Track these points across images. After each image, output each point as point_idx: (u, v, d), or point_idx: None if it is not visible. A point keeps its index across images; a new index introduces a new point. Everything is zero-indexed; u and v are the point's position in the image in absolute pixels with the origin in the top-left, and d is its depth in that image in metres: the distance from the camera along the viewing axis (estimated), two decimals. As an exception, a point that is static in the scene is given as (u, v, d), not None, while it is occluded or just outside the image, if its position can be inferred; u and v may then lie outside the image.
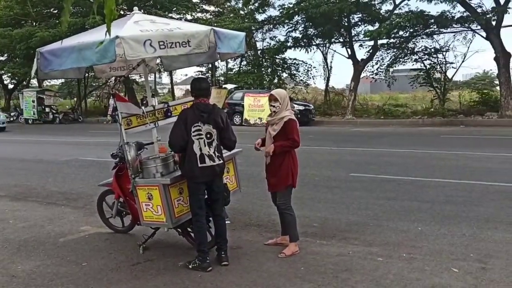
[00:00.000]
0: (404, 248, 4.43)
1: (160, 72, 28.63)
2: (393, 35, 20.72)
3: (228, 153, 4.58)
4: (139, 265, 4.24)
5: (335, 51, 25.82)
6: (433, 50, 22.09)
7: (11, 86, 35.53)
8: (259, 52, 26.99)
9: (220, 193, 4.20)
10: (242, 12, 27.16)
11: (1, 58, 30.65)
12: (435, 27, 20.73)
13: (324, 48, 25.50)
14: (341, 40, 24.30)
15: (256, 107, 19.83)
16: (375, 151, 11.15)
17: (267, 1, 24.81)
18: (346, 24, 22.91)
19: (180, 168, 4.24)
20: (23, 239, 5.11)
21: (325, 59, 25.92)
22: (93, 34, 4.22)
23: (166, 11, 25.62)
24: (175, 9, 27.34)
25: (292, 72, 27.01)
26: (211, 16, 29.16)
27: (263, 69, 26.26)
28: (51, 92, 28.48)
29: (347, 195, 6.66)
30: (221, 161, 4.09)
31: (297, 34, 24.33)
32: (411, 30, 20.90)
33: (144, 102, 4.84)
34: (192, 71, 62.36)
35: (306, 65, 26.84)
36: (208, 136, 4.00)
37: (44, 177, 8.88)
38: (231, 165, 4.93)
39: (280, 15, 23.65)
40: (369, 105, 24.63)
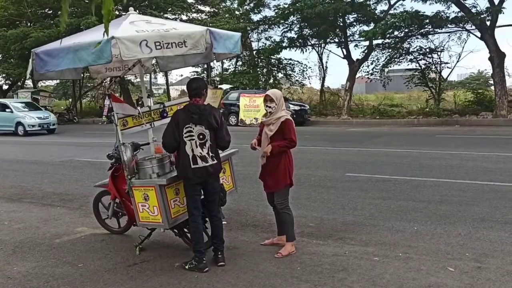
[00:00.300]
0: (400, 248, 4.45)
1: (155, 73, 28.56)
2: (388, 35, 20.77)
3: (224, 153, 4.58)
4: (136, 266, 4.23)
5: (330, 51, 25.92)
6: (428, 50, 22.18)
7: (5, 87, 35.33)
8: (254, 52, 27.01)
9: (216, 194, 4.19)
10: (237, 13, 27.15)
11: (-5, 59, 30.46)
12: (430, 27, 20.82)
13: (320, 48, 25.56)
14: (336, 40, 24.36)
15: (251, 107, 19.84)
16: (371, 151, 11.18)
17: (262, 1, 24.82)
18: (341, 24, 22.96)
19: (176, 168, 4.24)
20: (18, 240, 5.09)
21: (320, 59, 25.99)
22: (89, 34, 4.22)
23: (161, 11, 25.56)
24: (170, 9, 27.27)
25: (287, 72, 27.05)
26: (206, 17, 29.14)
27: (258, 69, 26.28)
28: (46, 93, 28.35)
29: (343, 195, 6.68)
30: (215, 161, 4.06)
31: (293, 34, 24.37)
32: (406, 30, 20.97)
33: (140, 103, 4.84)
34: (188, 71, 62.40)
35: (301, 65, 26.94)
36: (200, 137, 3.99)
37: (40, 178, 8.85)
38: (227, 165, 4.93)
39: (275, 15, 23.67)
40: (364, 105, 24.72)
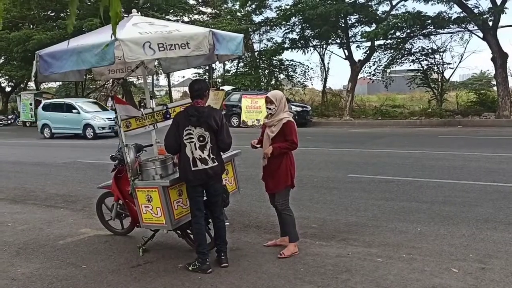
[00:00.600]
0: (403, 249, 4.44)
1: (157, 74, 28.61)
2: (390, 36, 20.76)
3: (227, 154, 4.58)
4: (139, 267, 4.23)
5: (332, 52, 25.96)
6: (430, 50, 22.18)
7: (8, 89, 35.48)
8: (256, 53, 27.02)
9: (218, 196, 4.17)
10: (239, 14, 27.19)
11: (-2, 61, 30.61)
12: (432, 27, 20.80)
13: (321, 49, 25.59)
14: (338, 41, 24.36)
15: (253, 109, 19.86)
16: (373, 152, 11.17)
17: (264, 2, 24.85)
18: (343, 25, 22.97)
19: (178, 170, 4.25)
20: (22, 242, 5.10)
21: (322, 60, 26.01)
22: (92, 36, 4.23)
23: (163, 13, 25.62)
24: (172, 11, 27.34)
25: (289, 74, 27.07)
26: (208, 18, 29.20)
27: (260, 70, 26.29)
28: (49, 95, 28.41)
29: (345, 196, 6.67)
30: (215, 163, 4.04)
31: (294, 36, 24.40)
32: (408, 31, 20.97)
33: (142, 104, 4.85)
34: (190, 73, 62.46)
35: (303, 67, 26.97)
36: (200, 139, 3.98)
37: (43, 180, 8.87)
38: (230, 166, 4.93)
39: (277, 16, 23.68)
40: (366, 106, 24.71)
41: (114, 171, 4.88)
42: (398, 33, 21.14)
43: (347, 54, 23.17)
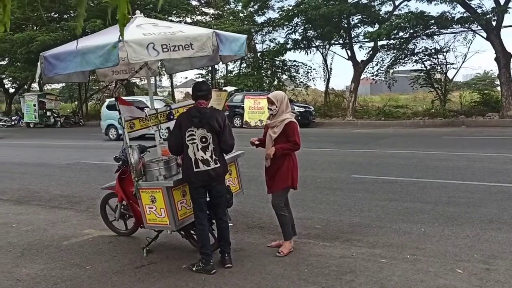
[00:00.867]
0: (407, 250, 4.43)
1: (160, 75, 28.68)
2: (393, 36, 20.73)
3: (230, 155, 4.58)
4: (143, 268, 4.24)
5: (335, 52, 25.94)
6: (433, 51, 22.12)
7: (12, 90, 35.59)
8: (258, 54, 27.03)
9: (221, 197, 4.17)
10: (241, 15, 27.21)
11: (2, 63, 30.70)
12: (435, 27, 20.75)
13: (324, 49, 25.57)
14: (340, 41, 24.34)
15: (256, 109, 19.88)
16: (376, 152, 11.15)
17: (266, 3, 24.86)
18: (345, 25, 22.95)
19: (181, 171, 4.25)
20: (27, 242, 5.12)
21: (325, 60, 26.00)
22: (95, 38, 4.24)
23: (165, 14, 25.66)
24: (174, 12, 27.39)
25: (292, 74, 27.06)
26: (211, 19, 29.22)
27: (262, 71, 26.29)
28: (52, 96, 28.57)
29: (349, 196, 6.66)
30: (217, 164, 4.03)
31: (297, 36, 24.40)
32: (411, 31, 20.93)
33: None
34: (192, 73, 62.55)
35: (306, 67, 26.94)
36: (203, 140, 3.98)
37: (47, 181, 8.90)
38: (234, 167, 4.93)
39: (279, 17, 23.68)
40: (369, 106, 24.65)
41: (118, 172, 4.89)
42: (401, 33, 21.10)
43: (350, 54, 23.14)
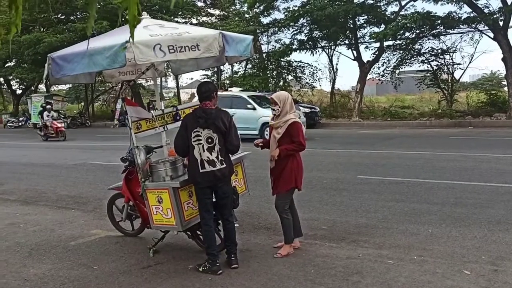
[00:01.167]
0: (414, 251, 4.41)
1: (166, 76, 28.76)
2: (399, 36, 20.64)
3: (236, 156, 4.59)
4: (150, 268, 4.26)
5: (340, 53, 25.87)
6: (440, 51, 22.00)
7: (19, 92, 35.84)
8: (264, 55, 27.03)
9: (226, 198, 4.17)
10: (247, 16, 27.23)
11: (9, 64, 30.92)
12: (441, 28, 20.64)
13: (330, 50, 25.52)
14: (346, 42, 24.27)
15: (262, 110, 19.82)
16: (382, 153, 11.11)
17: (272, 4, 24.86)
18: (351, 26, 22.88)
19: (187, 171, 4.26)
20: (34, 243, 5.15)
21: (330, 61, 25.94)
22: (102, 39, 4.26)
23: (171, 15, 25.73)
24: (180, 13, 27.45)
25: (297, 75, 27.02)
26: (216, 20, 29.26)
27: (268, 72, 26.28)
28: (59, 97, 28.75)
29: (355, 197, 6.64)
30: (223, 165, 4.03)
31: (302, 37, 24.36)
32: (417, 31, 20.83)
33: (151, 106, 4.89)
34: (198, 74, 62.66)
35: (311, 68, 26.88)
36: (209, 140, 3.98)
37: (54, 181, 8.95)
38: (240, 168, 4.93)
39: (285, 18, 23.66)
40: (375, 107, 24.56)
41: (124, 173, 4.91)
42: (407, 34, 21.01)
43: (355, 55, 23.08)
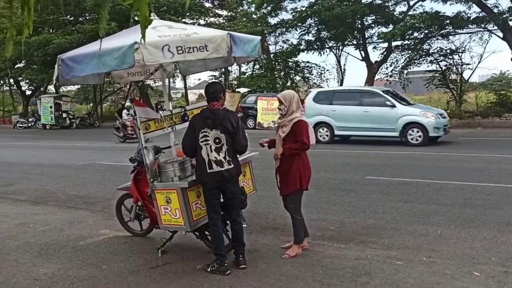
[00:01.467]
0: (423, 252, 4.38)
1: (173, 77, 28.89)
2: (407, 36, 20.56)
3: (244, 156, 4.59)
4: (158, 268, 4.27)
5: (348, 53, 25.86)
6: (448, 51, 21.85)
7: (29, 92, 36.21)
8: (271, 55, 27.05)
9: (234, 198, 4.16)
10: (254, 16, 27.26)
11: (19, 65, 31.25)
12: (450, 28, 20.52)
13: (338, 50, 25.50)
14: (354, 42, 24.25)
15: (269, 111, 19.87)
16: (390, 153, 11.05)
17: (279, 4, 24.87)
18: (359, 26, 22.85)
19: (195, 172, 4.27)
20: (44, 242, 5.20)
21: (338, 61, 25.92)
22: (111, 40, 4.29)
23: (179, 16, 25.84)
24: (188, 14, 27.55)
25: (305, 75, 27.02)
26: (224, 21, 29.34)
27: (276, 72, 26.31)
28: (68, 98, 29.02)
29: (363, 198, 6.62)
30: (231, 165, 4.02)
31: (310, 37, 24.41)
32: (426, 31, 20.73)
33: (159, 107, 4.93)
34: (206, 75, 62.96)
35: (319, 68, 26.88)
36: (216, 141, 3.98)
37: (63, 182, 9.02)
38: (247, 168, 4.94)
39: (292, 18, 23.68)
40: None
41: (133, 173, 4.94)
42: (415, 34, 20.91)
43: (363, 55, 23.04)
